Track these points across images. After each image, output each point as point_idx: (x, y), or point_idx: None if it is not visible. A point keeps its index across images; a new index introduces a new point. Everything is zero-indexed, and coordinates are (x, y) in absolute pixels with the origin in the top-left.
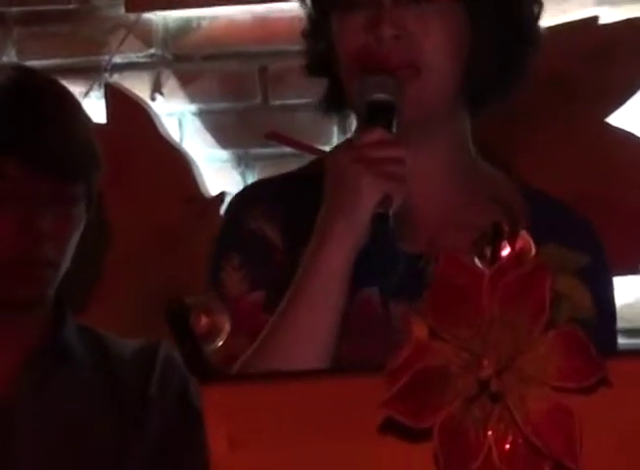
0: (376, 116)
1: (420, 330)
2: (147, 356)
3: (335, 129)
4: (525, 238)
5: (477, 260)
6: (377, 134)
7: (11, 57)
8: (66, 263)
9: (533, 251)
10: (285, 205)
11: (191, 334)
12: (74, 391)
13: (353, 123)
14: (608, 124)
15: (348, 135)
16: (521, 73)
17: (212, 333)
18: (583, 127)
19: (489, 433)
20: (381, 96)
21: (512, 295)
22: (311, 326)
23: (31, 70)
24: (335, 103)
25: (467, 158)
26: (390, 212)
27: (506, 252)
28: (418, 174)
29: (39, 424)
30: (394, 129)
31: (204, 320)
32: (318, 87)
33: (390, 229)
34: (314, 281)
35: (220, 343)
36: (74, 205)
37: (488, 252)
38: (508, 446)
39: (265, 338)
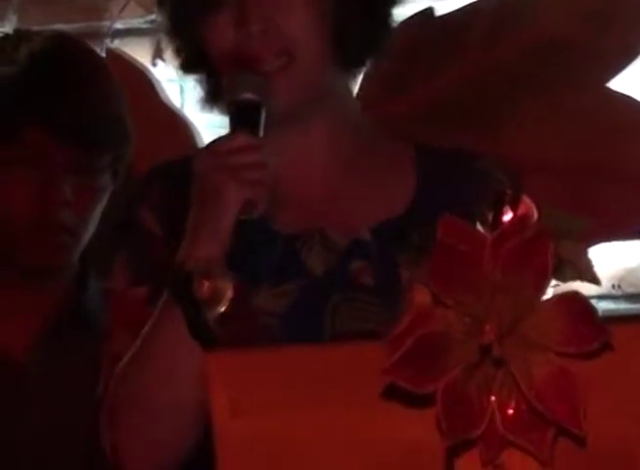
0: (242, 117)
1: (422, 296)
2: None
3: None
4: (527, 203)
5: (479, 226)
6: (240, 139)
7: (12, 23)
8: (87, 233)
9: (536, 216)
10: (167, 192)
11: (194, 300)
12: (90, 359)
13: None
14: (608, 89)
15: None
16: (389, 30)
17: (215, 298)
18: (583, 92)
19: (492, 398)
20: (247, 95)
21: (514, 260)
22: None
23: (68, 39)
24: (219, 97)
25: (348, 126)
26: (254, 217)
27: (508, 217)
28: (294, 155)
29: (53, 391)
30: (261, 130)
31: (206, 285)
32: None
33: (255, 233)
34: None
35: (223, 308)
36: (98, 175)
37: (490, 217)
38: (511, 412)
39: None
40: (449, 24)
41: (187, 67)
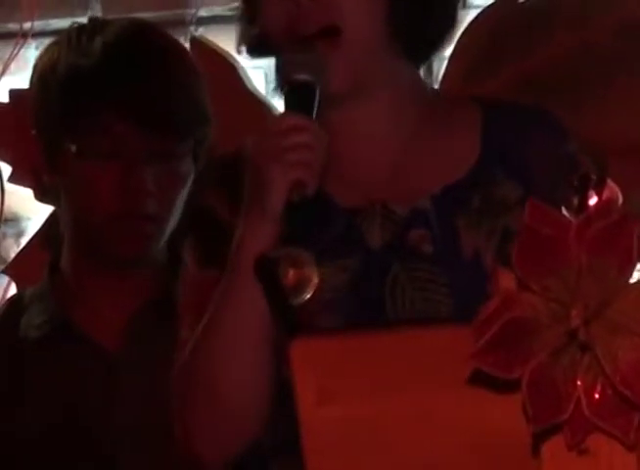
0: (295, 97)
1: (507, 281)
2: None
3: None
4: (612, 187)
5: (564, 210)
6: (288, 121)
7: (96, 11)
8: (172, 220)
9: (621, 200)
10: (237, 177)
11: (279, 287)
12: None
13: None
14: None
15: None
16: (450, 14)
17: (301, 285)
18: None
19: (578, 383)
20: (301, 76)
21: (599, 244)
22: (241, 319)
23: (143, 25)
24: None
25: (411, 100)
26: (307, 197)
27: (593, 201)
28: (356, 130)
29: (142, 379)
30: (314, 110)
31: (291, 273)
32: None
33: (318, 208)
34: (236, 274)
35: (309, 295)
36: (180, 161)
37: (575, 201)
38: (597, 396)
39: (204, 324)
40: (534, 8)
41: (255, 52)
